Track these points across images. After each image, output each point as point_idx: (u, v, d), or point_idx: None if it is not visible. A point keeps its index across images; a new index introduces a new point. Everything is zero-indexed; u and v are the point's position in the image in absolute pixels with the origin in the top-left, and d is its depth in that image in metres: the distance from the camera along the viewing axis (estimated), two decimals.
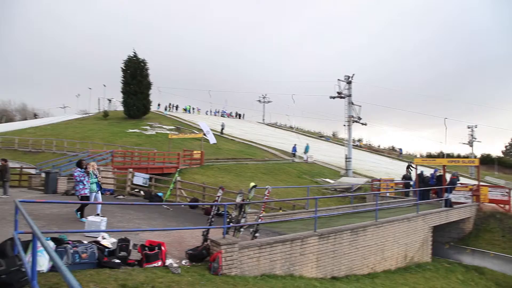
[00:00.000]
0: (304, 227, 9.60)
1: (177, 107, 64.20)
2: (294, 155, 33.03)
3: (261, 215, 8.39)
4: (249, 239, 7.85)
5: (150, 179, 17.60)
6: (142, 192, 16.68)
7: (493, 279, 12.66)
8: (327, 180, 25.35)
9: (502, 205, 17.44)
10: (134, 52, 43.69)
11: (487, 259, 14.45)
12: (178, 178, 16.70)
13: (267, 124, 68.62)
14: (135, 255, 6.58)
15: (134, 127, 38.55)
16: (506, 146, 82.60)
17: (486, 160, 68.12)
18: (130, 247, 6.60)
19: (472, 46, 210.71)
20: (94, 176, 10.35)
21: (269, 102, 72.97)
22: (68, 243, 5.86)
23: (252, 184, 8.41)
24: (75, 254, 5.61)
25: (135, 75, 42.82)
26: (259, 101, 73.47)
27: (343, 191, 21.74)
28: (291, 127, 68.62)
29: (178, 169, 19.91)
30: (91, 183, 10.20)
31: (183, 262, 6.87)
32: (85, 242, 6.32)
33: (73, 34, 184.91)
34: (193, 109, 67.87)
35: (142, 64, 43.85)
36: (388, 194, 20.10)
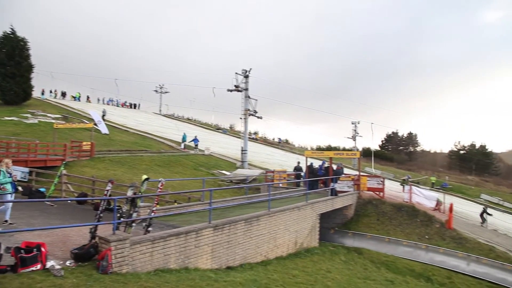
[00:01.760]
0: (200, 219, 9.70)
1: (64, 94, 57.70)
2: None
3: (154, 209, 8.24)
4: (141, 234, 7.65)
5: (31, 173, 16.00)
6: (20, 188, 14.96)
7: (369, 258, 14.40)
8: (224, 172, 25.81)
9: (377, 193, 19.91)
10: (12, 29, 38.11)
11: (365, 241, 16.41)
12: (64, 172, 15.40)
13: (164, 115, 66.49)
14: (8, 260, 5.92)
15: (12, 114, 33.87)
16: (382, 141, 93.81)
17: (367, 153, 76.42)
18: (1, 251, 5.92)
19: (360, 49, 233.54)
20: (8, 175, 9.00)
21: (166, 92, 70.62)
22: None
23: (145, 176, 8.19)
24: None
25: (13, 56, 37.28)
26: (155, 91, 70.67)
27: (238, 182, 22.39)
28: (188, 119, 67.86)
29: (64, 162, 18.27)
30: (3, 183, 8.84)
31: (68, 263, 6.41)
32: None
33: None
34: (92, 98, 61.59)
35: (22, 43, 38.19)
36: (281, 185, 21.36)
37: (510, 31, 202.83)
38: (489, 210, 22.32)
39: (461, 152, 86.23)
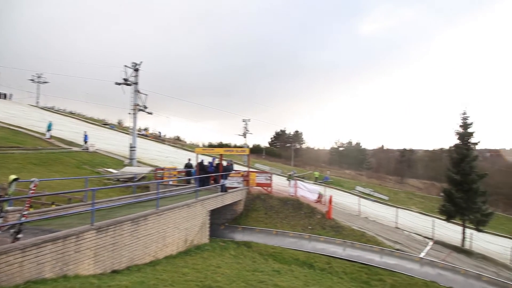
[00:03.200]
0: (82, 222, 9.06)
1: None
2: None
3: (25, 213, 7.45)
4: (9, 242, 6.85)
5: None
6: None
7: (257, 250, 15.13)
8: (110, 170, 24.40)
9: (265, 188, 20.95)
10: None
11: (254, 234, 17.17)
12: None
13: (42, 108, 59.09)
14: None
15: None
16: (271, 138, 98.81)
17: (257, 150, 79.86)
18: None
19: (255, 49, 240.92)
20: None
21: (45, 82, 62.72)
22: None
23: (13, 177, 7.35)
24: None
25: None
26: (32, 80, 62.05)
27: (126, 181, 21.42)
28: (71, 113, 62.03)
29: None
30: None
31: None
32: None
33: None
34: None
35: None
36: (171, 182, 21.05)
37: (385, 41, 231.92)
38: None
39: (340, 149, 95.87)
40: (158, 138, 57.00)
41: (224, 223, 18.35)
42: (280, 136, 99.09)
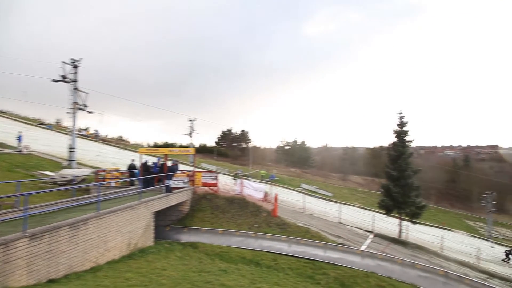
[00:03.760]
0: (13, 229, 8.45)
1: None
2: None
3: None
4: None
5: None
6: None
7: (204, 251, 15.03)
8: (47, 173, 22.95)
9: (211, 188, 20.88)
10: None
11: (200, 234, 17.05)
12: None
13: None
14: None
15: None
16: (218, 137, 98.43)
17: (204, 149, 79.36)
18: None
19: (203, 47, 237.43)
20: None
21: None
22: None
23: None
24: None
25: None
26: None
27: (65, 184, 20.31)
28: (2, 112, 57.45)
29: None
30: None
31: None
32: None
33: None
34: None
35: None
36: (113, 184, 20.27)
37: (327, 43, 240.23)
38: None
39: (286, 147, 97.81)
40: (95, 138, 54.44)
41: (170, 225, 18.03)
42: (226, 136, 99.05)
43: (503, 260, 27.23)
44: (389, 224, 25.48)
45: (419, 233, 24.58)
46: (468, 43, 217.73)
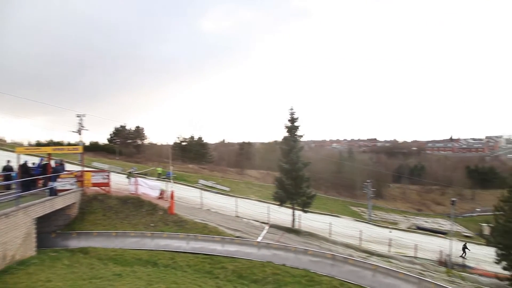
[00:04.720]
0: None
1: None
2: None
3: None
4: None
5: None
6: None
7: (96, 256, 14.16)
8: None
9: (103, 188, 19.73)
10: None
11: (91, 239, 16.01)
12: None
13: None
14: None
15: None
16: (110, 134, 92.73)
17: (95, 147, 74.25)
18: None
19: (91, 38, 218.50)
20: None
21: None
22: None
23: None
24: None
25: None
26: None
27: None
28: None
29: None
30: None
31: None
32: None
33: None
34: None
35: None
36: None
37: (221, 38, 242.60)
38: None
39: (183, 143, 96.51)
40: None
41: (56, 231, 16.54)
42: (120, 132, 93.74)
43: (460, 256, 28.85)
44: (283, 215, 26.86)
45: (310, 221, 26.37)
46: (351, 44, 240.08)
